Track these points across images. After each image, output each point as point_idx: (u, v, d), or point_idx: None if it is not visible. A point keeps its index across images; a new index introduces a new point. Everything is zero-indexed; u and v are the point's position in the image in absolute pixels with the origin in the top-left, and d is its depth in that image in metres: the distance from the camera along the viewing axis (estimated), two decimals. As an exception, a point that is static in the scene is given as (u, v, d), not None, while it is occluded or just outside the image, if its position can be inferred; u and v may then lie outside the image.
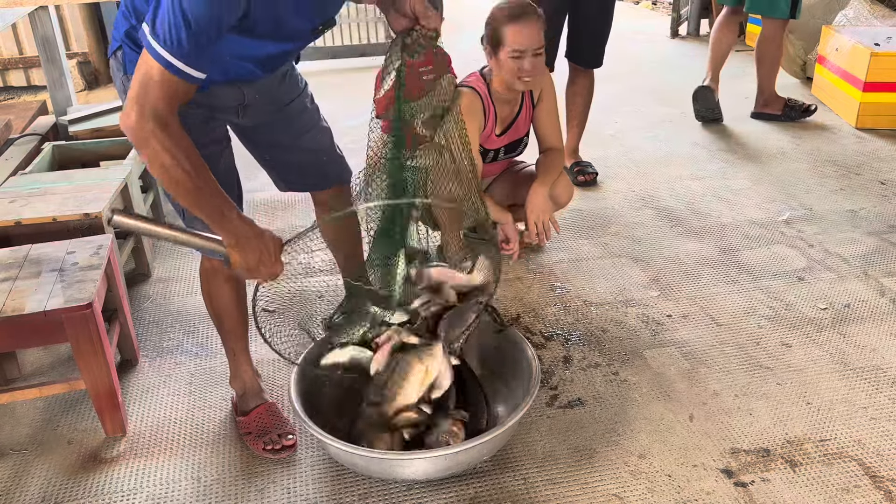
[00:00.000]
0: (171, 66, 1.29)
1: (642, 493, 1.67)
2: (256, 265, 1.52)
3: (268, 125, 1.79)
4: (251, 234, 1.50)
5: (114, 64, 1.60)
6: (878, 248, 2.70)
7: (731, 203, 3.11)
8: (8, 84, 5.39)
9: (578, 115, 3.31)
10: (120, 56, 1.57)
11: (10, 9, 3.28)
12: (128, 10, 1.52)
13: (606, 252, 2.75)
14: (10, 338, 1.77)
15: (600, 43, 3.16)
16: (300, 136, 1.85)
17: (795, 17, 3.77)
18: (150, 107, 1.31)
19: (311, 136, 1.88)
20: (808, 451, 1.77)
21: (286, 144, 1.85)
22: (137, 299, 2.51)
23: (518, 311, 2.39)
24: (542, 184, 2.44)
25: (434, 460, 1.62)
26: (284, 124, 1.81)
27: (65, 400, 2.03)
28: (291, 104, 1.81)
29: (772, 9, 3.75)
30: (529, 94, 2.51)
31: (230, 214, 1.46)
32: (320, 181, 1.97)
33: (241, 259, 1.50)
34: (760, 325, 2.28)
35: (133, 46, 1.52)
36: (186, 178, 1.37)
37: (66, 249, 2.00)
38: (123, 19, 1.54)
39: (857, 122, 3.89)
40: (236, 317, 1.88)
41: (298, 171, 1.93)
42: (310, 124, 1.87)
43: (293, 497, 1.69)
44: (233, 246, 1.49)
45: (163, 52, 1.28)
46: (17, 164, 2.90)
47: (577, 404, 1.96)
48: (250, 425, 1.86)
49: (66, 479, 1.77)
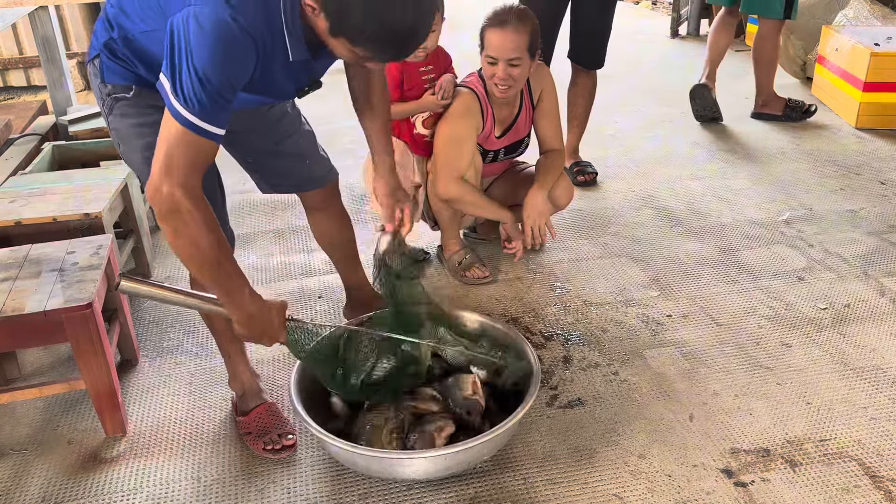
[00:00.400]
0: (193, 125, 1.32)
1: (642, 493, 1.67)
2: (260, 337, 1.56)
3: (247, 131, 1.80)
4: (259, 311, 1.53)
5: (91, 70, 1.63)
6: (878, 248, 2.70)
7: (731, 203, 3.11)
8: (8, 84, 5.39)
9: (579, 115, 3.31)
10: (97, 63, 1.59)
11: (10, 9, 3.28)
12: (109, 22, 1.55)
13: (606, 252, 2.75)
14: (10, 338, 1.77)
15: (602, 43, 3.16)
16: (281, 141, 1.87)
17: (791, 18, 3.77)
18: (180, 175, 1.33)
19: (293, 140, 1.90)
20: (808, 451, 1.77)
21: (267, 149, 1.87)
22: (137, 299, 2.51)
23: (518, 311, 2.39)
24: (540, 187, 2.44)
25: (434, 460, 1.62)
26: (264, 130, 1.83)
27: (65, 400, 2.03)
28: (271, 110, 1.83)
29: (767, 9, 3.75)
30: (529, 96, 2.51)
31: (243, 291, 1.49)
32: (305, 183, 2.00)
33: (246, 332, 1.54)
34: (760, 325, 2.27)
35: (110, 56, 1.56)
36: (210, 252, 1.39)
37: (66, 249, 2.00)
38: (104, 30, 1.57)
39: (857, 122, 3.89)
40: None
41: (281, 174, 1.96)
42: (290, 129, 1.89)
43: (293, 497, 1.69)
44: (242, 323, 1.52)
45: (186, 112, 1.31)
46: (17, 164, 2.91)
47: (577, 404, 1.96)
48: (250, 425, 1.86)
49: (66, 479, 1.77)
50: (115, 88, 1.58)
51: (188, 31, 1.30)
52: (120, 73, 1.57)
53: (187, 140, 1.33)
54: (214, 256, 1.40)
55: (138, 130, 1.58)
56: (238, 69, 1.36)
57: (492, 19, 2.30)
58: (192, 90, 1.30)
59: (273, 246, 2.86)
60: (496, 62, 2.28)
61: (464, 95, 2.40)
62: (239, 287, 1.49)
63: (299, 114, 1.93)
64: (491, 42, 2.28)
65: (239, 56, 1.35)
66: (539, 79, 2.50)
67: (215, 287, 1.47)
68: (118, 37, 1.53)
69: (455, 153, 2.38)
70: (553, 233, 2.48)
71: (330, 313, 2.39)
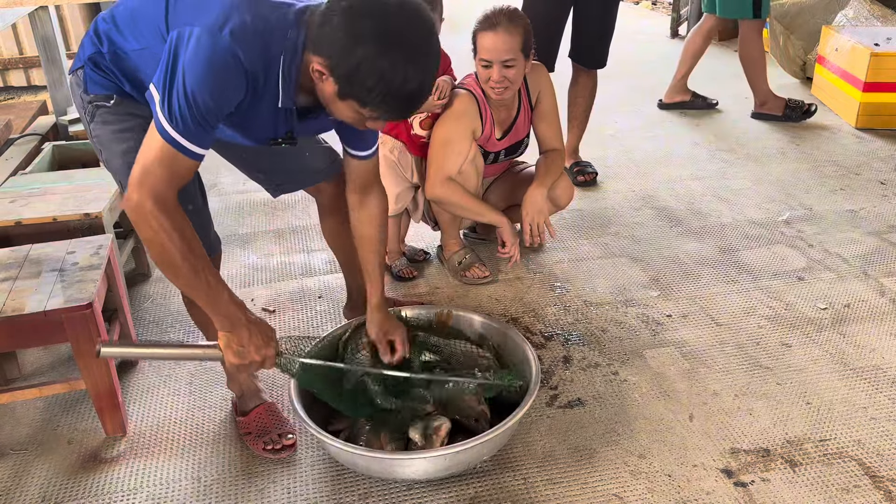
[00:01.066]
0: (176, 143, 1.35)
1: (642, 493, 1.67)
2: (248, 345, 1.52)
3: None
4: (244, 318, 1.51)
5: (73, 80, 1.65)
6: (878, 248, 2.70)
7: (731, 203, 3.12)
8: (8, 84, 5.40)
9: (580, 115, 3.31)
10: (81, 75, 1.62)
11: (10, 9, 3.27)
12: (98, 37, 1.58)
13: (606, 252, 2.75)
14: (10, 338, 1.76)
15: (604, 43, 3.16)
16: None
17: (760, 17, 3.83)
18: (151, 186, 1.35)
19: None
20: (808, 451, 1.77)
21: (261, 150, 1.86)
22: (137, 299, 2.51)
23: (518, 311, 2.39)
24: (540, 185, 2.43)
25: (434, 460, 1.62)
26: None
27: (65, 400, 2.03)
28: None
29: (739, 11, 3.84)
30: (527, 96, 2.51)
31: (222, 296, 1.48)
32: (309, 176, 1.99)
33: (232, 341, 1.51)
34: (760, 325, 2.28)
35: (95, 69, 1.59)
36: (182, 262, 1.40)
37: (67, 249, 2.00)
38: (91, 45, 1.59)
39: (857, 122, 3.89)
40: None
41: (281, 170, 1.96)
42: None
43: (293, 497, 1.69)
44: (226, 329, 1.51)
45: (170, 129, 1.35)
46: (17, 164, 2.90)
47: (577, 404, 1.96)
48: (250, 425, 1.86)
49: (66, 479, 1.77)
50: (97, 98, 1.61)
51: (188, 50, 1.33)
52: (102, 84, 1.60)
53: (167, 155, 1.36)
54: (189, 265, 1.40)
55: (119, 136, 1.61)
56: (227, 99, 1.39)
57: (482, 23, 2.29)
58: (180, 109, 1.33)
59: (273, 246, 2.86)
60: (490, 65, 2.28)
61: (462, 97, 2.39)
62: (217, 294, 1.47)
63: None
64: (483, 45, 2.28)
65: (230, 87, 1.38)
66: (536, 80, 2.50)
67: (195, 294, 1.47)
68: (107, 51, 1.56)
69: (444, 155, 2.37)
70: (552, 232, 2.47)
71: (330, 313, 2.39)
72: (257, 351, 1.53)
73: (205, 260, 1.44)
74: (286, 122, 1.55)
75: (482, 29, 2.28)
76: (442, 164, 2.36)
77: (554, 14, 3.02)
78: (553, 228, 2.48)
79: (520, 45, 2.26)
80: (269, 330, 1.57)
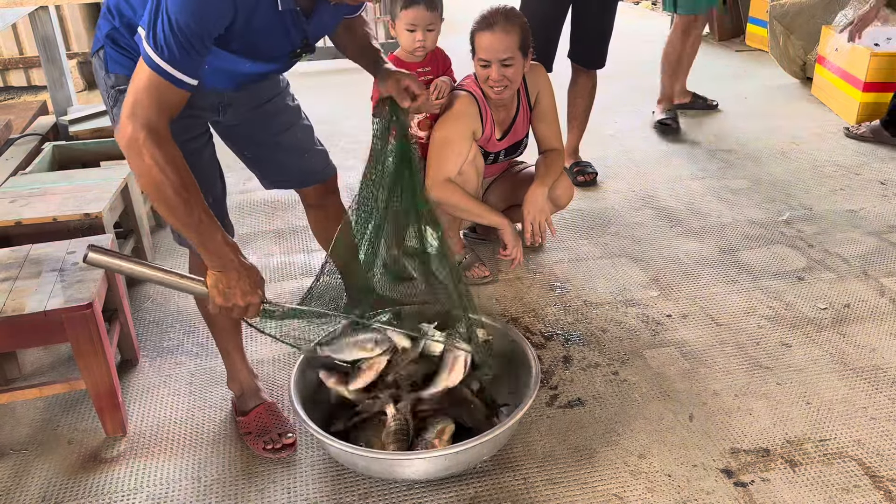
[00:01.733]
0: (163, 71, 1.33)
1: (642, 492, 1.67)
2: (234, 288, 1.49)
3: (247, 123, 1.81)
4: (236, 261, 1.49)
5: (96, 63, 1.63)
6: (878, 248, 2.70)
7: (731, 203, 3.12)
8: (8, 84, 5.40)
9: (580, 115, 3.31)
10: (102, 55, 1.60)
11: (10, 9, 3.28)
12: (110, 12, 1.57)
13: (606, 252, 2.75)
14: (10, 338, 1.77)
15: (603, 43, 3.16)
16: (279, 133, 1.87)
17: (676, 12, 3.87)
18: (143, 116, 1.34)
19: (291, 133, 1.90)
20: (808, 451, 1.77)
21: (265, 142, 1.87)
22: (137, 299, 2.51)
23: (518, 311, 2.39)
24: (540, 184, 2.43)
25: (434, 460, 1.62)
26: (263, 122, 1.83)
27: (65, 400, 2.03)
28: (270, 102, 1.83)
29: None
30: (526, 96, 2.51)
31: (216, 235, 1.46)
32: (306, 177, 1.99)
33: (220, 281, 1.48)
34: (760, 325, 2.28)
35: (114, 46, 1.56)
36: (174, 194, 1.38)
37: (67, 249, 2.00)
38: (105, 21, 1.58)
39: (857, 123, 3.89)
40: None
41: (280, 168, 1.95)
42: (289, 122, 1.89)
43: (293, 497, 1.69)
44: (217, 269, 1.48)
45: (156, 58, 1.33)
46: (18, 164, 2.91)
47: (577, 404, 1.96)
48: (250, 425, 1.86)
49: (66, 479, 1.77)
50: (119, 80, 1.58)
51: None
52: (123, 63, 1.57)
53: (155, 84, 1.34)
54: (181, 199, 1.38)
55: None
56: (210, 20, 1.35)
57: (480, 22, 2.29)
58: (164, 37, 1.31)
59: (273, 246, 2.86)
60: (489, 64, 2.28)
61: (462, 98, 2.39)
62: (210, 232, 1.45)
63: (299, 108, 1.93)
64: (481, 45, 2.28)
65: (212, 6, 1.34)
66: (535, 80, 2.50)
67: (187, 231, 1.44)
68: (120, 24, 1.54)
69: (443, 156, 2.37)
70: (553, 230, 2.47)
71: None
72: (243, 296, 1.50)
73: (198, 196, 1.42)
74: (296, 27, 1.51)
75: (479, 29, 2.29)
76: (442, 165, 2.36)
77: (552, 14, 3.02)
78: (554, 227, 2.48)
79: (517, 44, 2.26)
80: (259, 279, 1.54)
